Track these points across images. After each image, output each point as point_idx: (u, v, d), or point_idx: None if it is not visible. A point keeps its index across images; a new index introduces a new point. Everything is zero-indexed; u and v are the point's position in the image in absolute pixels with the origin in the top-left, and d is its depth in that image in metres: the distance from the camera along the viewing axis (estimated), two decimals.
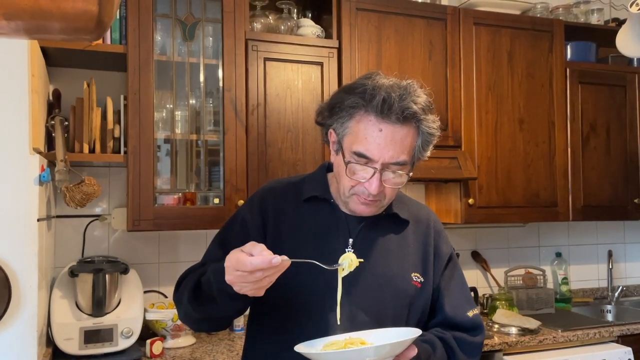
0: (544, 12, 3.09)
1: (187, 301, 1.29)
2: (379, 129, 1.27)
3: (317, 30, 2.58)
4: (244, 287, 1.12)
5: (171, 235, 2.63)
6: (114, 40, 2.30)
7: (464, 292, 1.46)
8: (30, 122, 1.85)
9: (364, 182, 1.28)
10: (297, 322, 1.30)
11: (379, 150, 1.26)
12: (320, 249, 1.33)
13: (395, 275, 1.36)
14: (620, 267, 3.57)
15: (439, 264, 1.43)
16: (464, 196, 2.75)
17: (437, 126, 1.34)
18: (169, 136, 2.39)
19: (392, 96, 1.25)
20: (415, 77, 1.35)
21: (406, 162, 1.30)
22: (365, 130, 1.28)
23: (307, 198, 1.39)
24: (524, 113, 2.89)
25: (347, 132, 1.31)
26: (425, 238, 1.44)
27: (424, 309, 1.39)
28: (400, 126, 1.27)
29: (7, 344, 1.78)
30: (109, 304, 2.22)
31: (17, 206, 1.81)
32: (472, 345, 1.39)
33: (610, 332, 2.68)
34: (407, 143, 1.29)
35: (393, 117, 1.26)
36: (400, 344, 1.15)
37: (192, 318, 1.34)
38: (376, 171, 1.27)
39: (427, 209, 1.53)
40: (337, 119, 1.33)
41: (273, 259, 1.08)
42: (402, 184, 1.32)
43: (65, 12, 0.65)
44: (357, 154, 1.28)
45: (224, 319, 1.34)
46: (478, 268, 3.20)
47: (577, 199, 2.97)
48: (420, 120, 1.29)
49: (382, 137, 1.26)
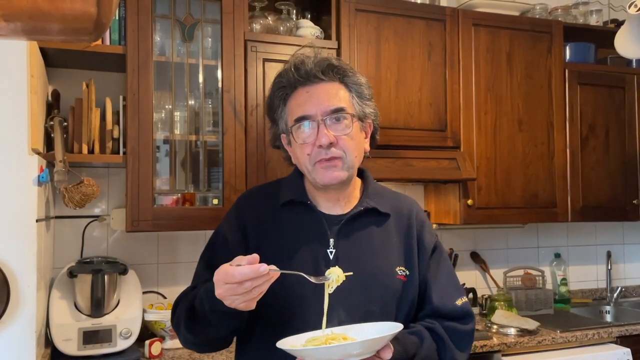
0: (543, 13, 3.09)
1: (184, 327, 1.29)
2: (306, 92, 1.35)
3: (316, 31, 2.58)
4: (234, 300, 1.12)
5: (170, 235, 2.63)
6: (113, 41, 2.30)
7: (452, 281, 1.44)
8: (29, 123, 1.85)
9: (315, 141, 1.32)
10: (286, 331, 1.27)
11: (312, 106, 1.33)
12: (302, 252, 1.33)
13: (380, 272, 1.35)
14: (619, 268, 3.57)
15: (423, 255, 1.42)
16: (462, 197, 2.75)
17: (364, 79, 1.41)
18: (168, 137, 2.39)
19: (304, 61, 1.35)
20: (414, 78, 1.38)
21: (344, 110, 1.34)
22: (296, 100, 1.36)
23: (284, 202, 1.40)
24: (523, 114, 2.89)
25: (287, 116, 1.38)
26: (408, 230, 1.42)
27: (412, 302, 1.38)
28: (324, 83, 1.35)
29: (5, 345, 1.78)
30: (108, 305, 2.22)
31: (16, 207, 1.81)
32: (462, 333, 1.38)
33: (609, 333, 2.68)
34: (339, 94, 1.36)
35: (312, 78, 1.34)
36: (381, 339, 1.14)
37: (192, 343, 1.34)
38: (318, 122, 1.32)
39: (409, 200, 1.51)
40: (278, 117, 1.41)
41: (261, 268, 1.08)
42: (350, 130, 1.34)
43: (64, 14, 0.65)
44: (296, 120, 1.35)
45: (222, 339, 1.33)
46: (477, 269, 3.20)
47: (576, 200, 2.98)
48: (343, 75, 1.37)
49: (311, 95, 1.34)
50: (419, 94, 2.68)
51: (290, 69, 1.36)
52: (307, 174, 1.37)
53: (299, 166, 1.41)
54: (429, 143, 2.68)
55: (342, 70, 1.37)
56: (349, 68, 1.39)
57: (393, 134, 2.58)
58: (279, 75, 1.40)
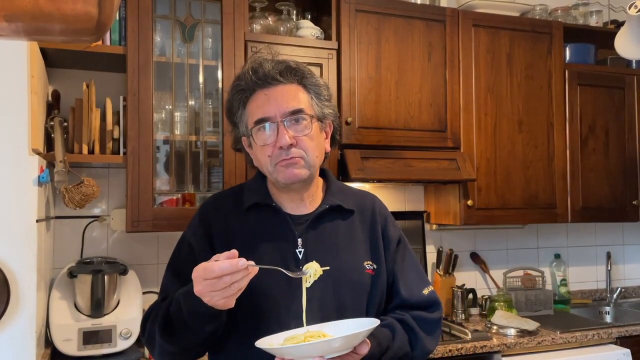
0: (543, 14, 3.09)
1: (159, 336, 1.27)
2: (264, 94, 1.35)
3: (316, 31, 2.58)
4: (214, 297, 1.12)
5: (170, 236, 2.62)
6: (113, 42, 2.30)
7: (417, 272, 1.48)
8: (29, 123, 1.85)
9: (275, 143, 1.32)
10: (263, 329, 1.27)
11: (271, 107, 1.33)
12: (271, 253, 1.34)
13: (349, 267, 1.37)
14: (619, 269, 3.57)
15: (389, 248, 1.45)
16: (462, 197, 2.76)
17: (322, 81, 1.42)
18: (168, 137, 2.39)
19: (262, 64, 1.35)
20: (415, 79, 1.38)
21: (303, 111, 1.35)
22: (255, 103, 1.36)
23: (249, 206, 1.40)
24: (523, 115, 2.89)
25: (247, 119, 1.38)
26: (372, 225, 1.45)
27: (381, 295, 1.41)
28: (283, 85, 1.35)
29: (5, 345, 1.78)
30: (108, 305, 2.22)
31: (16, 207, 1.81)
32: (430, 322, 1.41)
33: (609, 333, 2.68)
34: (297, 96, 1.36)
35: (270, 80, 1.34)
36: (360, 334, 1.16)
37: (167, 353, 1.31)
38: (278, 123, 1.32)
39: (370, 196, 1.54)
40: (238, 120, 1.40)
41: (239, 262, 1.09)
42: (310, 131, 1.35)
43: (66, 14, 0.65)
44: (256, 122, 1.35)
45: (200, 345, 1.31)
46: (477, 269, 3.20)
47: (576, 201, 2.98)
48: (301, 77, 1.37)
49: (270, 97, 1.34)
50: (419, 94, 2.68)
51: (248, 72, 1.36)
52: (269, 175, 1.38)
53: (260, 168, 1.42)
54: (429, 144, 2.68)
55: (300, 72, 1.38)
56: (307, 70, 1.40)
57: (393, 134, 2.59)
58: (237, 78, 1.40)
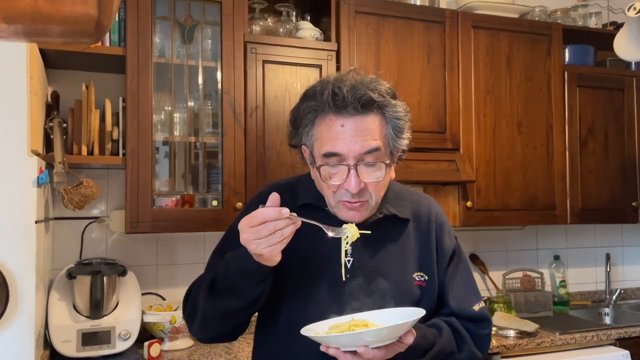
0: (542, 15, 3.10)
1: (203, 298, 1.26)
2: (341, 125, 1.24)
3: (315, 33, 2.58)
4: (259, 245, 1.12)
5: (169, 237, 2.63)
6: (112, 43, 2.30)
7: (470, 286, 1.43)
8: (28, 124, 1.85)
9: (343, 184, 1.25)
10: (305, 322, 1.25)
11: (345, 144, 1.23)
12: (317, 260, 1.32)
13: (397, 280, 1.34)
14: (618, 270, 3.57)
15: (442, 259, 1.40)
16: (462, 199, 2.75)
17: (404, 109, 1.32)
18: (168, 138, 2.39)
19: (342, 89, 1.23)
20: (414, 80, 1.35)
21: (379, 149, 1.25)
22: (328, 130, 1.25)
23: (302, 205, 1.37)
24: (522, 116, 2.89)
25: (314, 140, 1.29)
26: (427, 234, 1.40)
27: (431, 307, 1.37)
28: (362, 116, 1.25)
29: (4, 346, 1.78)
30: (107, 306, 2.22)
31: (15, 208, 1.81)
32: (480, 336, 1.38)
33: (608, 335, 2.68)
34: (375, 131, 1.26)
35: (350, 109, 1.24)
36: (405, 324, 1.14)
37: (208, 323, 1.29)
38: (350, 167, 1.24)
39: (428, 201, 1.48)
40: (302, 131, 1.31)
41: (283, 210, 1.11)
42: (382, 177, 1.27)
43: (65, 16, 0.65)
44: (326, 155, 1.26)
45: (244, 310, 1.27)
46: (476, 271, 3.20)
47: (575, 202, 2.98)
48: (381, 107, 1.27)
49: (346, 131, 1.24)
50: (419, 96, 2.68)
51: (328, 93, 1.24)
52: (328, 204, 1.33)
53: (319, 190, 1.35)
54: (429, 145, 2.68)
55: (380, 102, 1.27)
56: (387, 99, 1.28)
57: None
58: (313, 95, 1.28)
